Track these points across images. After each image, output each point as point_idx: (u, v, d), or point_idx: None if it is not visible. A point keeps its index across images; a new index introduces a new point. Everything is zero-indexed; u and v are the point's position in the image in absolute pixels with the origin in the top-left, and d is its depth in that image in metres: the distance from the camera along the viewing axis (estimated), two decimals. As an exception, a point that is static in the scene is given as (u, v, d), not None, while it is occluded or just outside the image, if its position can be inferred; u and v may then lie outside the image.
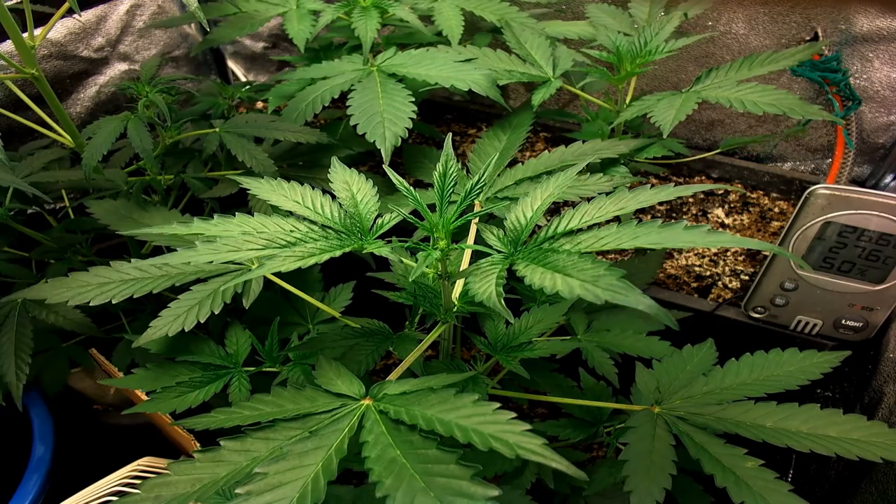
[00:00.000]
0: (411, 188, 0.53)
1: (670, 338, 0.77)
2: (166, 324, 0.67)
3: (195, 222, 0.53)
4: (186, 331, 0.67)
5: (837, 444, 0.58)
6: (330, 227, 0.55)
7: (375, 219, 0.57)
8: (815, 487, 0.88)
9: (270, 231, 0.51)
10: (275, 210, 0.60)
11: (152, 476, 0.46)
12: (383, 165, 0.60)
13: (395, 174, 0.53)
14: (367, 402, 0.51)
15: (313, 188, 0.59)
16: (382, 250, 0.52)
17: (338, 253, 0.49)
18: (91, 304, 0.68)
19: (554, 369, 0.79)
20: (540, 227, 0.54)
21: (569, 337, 0.79)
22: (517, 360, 0.68)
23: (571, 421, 0.75)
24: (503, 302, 0.46)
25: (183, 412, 0.69)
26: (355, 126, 0.79)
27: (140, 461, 0.82)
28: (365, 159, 1.20)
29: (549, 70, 0.92)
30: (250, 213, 0.56)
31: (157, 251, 0.90)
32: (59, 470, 0.81)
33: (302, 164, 0.96)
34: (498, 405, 0.46)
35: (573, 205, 0.54)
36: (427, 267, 0.52)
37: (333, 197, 0.59)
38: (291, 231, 0.52)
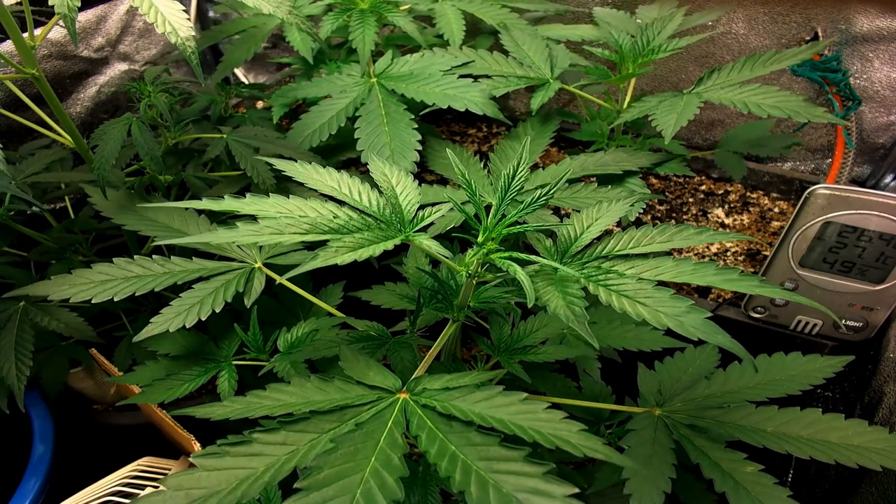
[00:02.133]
0: (472, 183, 0.52)
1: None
2: (167, 320, 0.68)
3: (227, 199, 0.51)
4: (188, 327, 0.68)
5: (838, 450, 0.57)
6: (369, 215, 0.53)
7: (416, 211, 0.55)
8: (815, 488, 0.88)
9: (311, 216, 0.49)
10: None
11: (160, 475, 0.43)
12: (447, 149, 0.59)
13: (456, 160, 0.53)
14: (403, 395, 0.49)
15: (350, 176, 0.57)
16: (429, 243, 0.50)
17: (390, 245, 0.48)
18: (93, 302, 0.67)
19: (553, 369, 0.79)
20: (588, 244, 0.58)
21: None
22: (516, 361, 0.68)
23: (574, 418, 0.75)
24: (587, 325, 0.47)
25: (183, 406, 0.70)
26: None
27: (140, 461, 0.82)
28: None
29: (546, 71, 0.92)
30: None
31: (159, 250, 0.90)
32: (59, 470, 0.81)
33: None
34: (548, 404, 0.45)
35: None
36: (466, 263, 0.53)
37: (372, 185, 0.57)
38: (334, 217, 0.50)
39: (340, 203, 0.53)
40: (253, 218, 0.50)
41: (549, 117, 0.94)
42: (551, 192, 0.52)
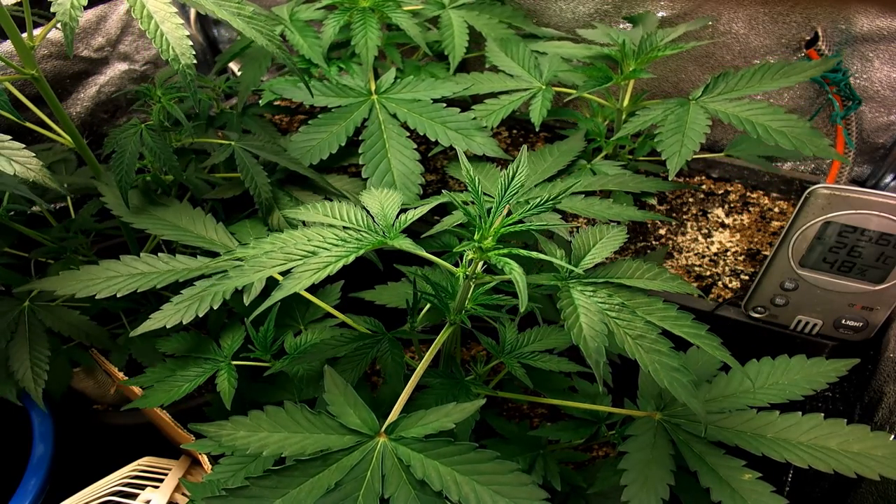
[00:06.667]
0: (476, 182, 0.53)
1: (672, 339, 0.77)
2: (166, 316, 0.68)
3: (237, 249, 0.60)
4: (185, 323, 0.68)
5: (837, 458, 0.57)
6: (351, 229, 0.57)
7: (398, 214, 0.58)
8: (815, 487, 0.88)
9: (290, 245, 0.54)
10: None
11: (160, 475, 0.47)
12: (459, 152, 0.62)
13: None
14: (382, 438, 0.52)
15: (339, 201, 0.63)
16: (405, 244, 0.53)
17: (351, 258, 0.51)
18: (97, 297, 0.69)
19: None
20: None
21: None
22: (518, 362, 0.68)
23: (573, 422, 0.74)
24: (601, 367, 0.51)
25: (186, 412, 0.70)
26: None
27: (140, 461, 0.82)
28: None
29: (534, 79, 0.94)
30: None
31: (160, 249, 0.91)
32: (59, 470, 0.81)
33: (297, 183, 0.97)
34: (516, 466, 0.49)
35: (593, 221, 0.59)
36: (465, 262, 0.54)
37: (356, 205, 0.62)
38: (309, 240, 0.54)
39: (328, 225, 0.58)
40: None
41: (575, 139, 0.95)
42: (560, 196, 0.53)
